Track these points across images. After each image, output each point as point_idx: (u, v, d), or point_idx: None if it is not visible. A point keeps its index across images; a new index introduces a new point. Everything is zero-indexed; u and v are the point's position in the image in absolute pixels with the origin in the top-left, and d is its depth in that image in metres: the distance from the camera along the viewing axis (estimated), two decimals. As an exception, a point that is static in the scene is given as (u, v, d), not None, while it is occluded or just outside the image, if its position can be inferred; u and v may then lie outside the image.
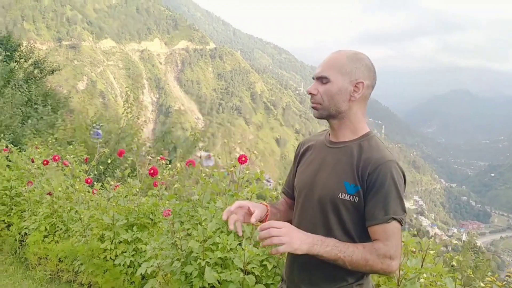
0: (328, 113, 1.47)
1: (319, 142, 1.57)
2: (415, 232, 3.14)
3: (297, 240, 1.31)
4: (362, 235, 1.41)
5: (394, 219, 1.34)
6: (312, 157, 1.56)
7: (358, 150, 1.43)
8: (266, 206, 1.55)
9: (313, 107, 1.50)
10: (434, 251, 2.03)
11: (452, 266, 2.03)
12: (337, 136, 1.50)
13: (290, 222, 1.45)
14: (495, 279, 1.90)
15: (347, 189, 1.40)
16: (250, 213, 1.49)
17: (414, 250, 1.94)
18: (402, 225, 1.38)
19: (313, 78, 1.51)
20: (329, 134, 1.55)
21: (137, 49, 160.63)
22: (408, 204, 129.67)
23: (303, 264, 1.49)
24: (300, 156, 1.64)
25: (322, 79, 1.46)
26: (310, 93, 1.48)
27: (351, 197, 1.39)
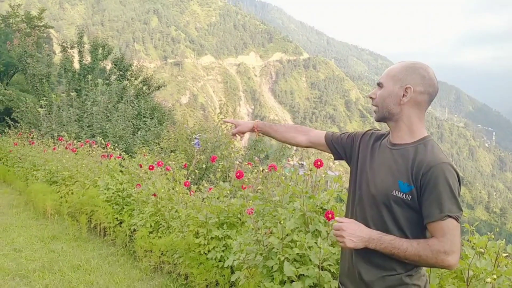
0: (383, 115, 1.65)
1: (382, 143, 1.70)
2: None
3: (354, 241, 1.54)
4: (414, 231, 1.52)
5: (450, 216, 1.43)
6: (375, 156, 1.69)
7: (414, 152, 1.54)
8: (254, 124, 2.15)
9: (373, 110, 1.69)
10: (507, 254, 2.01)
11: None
12: (396, 138, 1.63)
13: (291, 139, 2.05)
14: None
15: (401, 188, 1.52)
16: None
17: (483, 250, 1.94)
18: (458, 222, 1.46)
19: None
20: (391, 137, 1.68)
21: (234, 63, 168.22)
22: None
23: (357, 253, 1.65)
24: (360, 141, 1.79)
25: (379, 85, 1.66)
26: (370, 97, 1.69)
27: (404, 195, 1.51)
